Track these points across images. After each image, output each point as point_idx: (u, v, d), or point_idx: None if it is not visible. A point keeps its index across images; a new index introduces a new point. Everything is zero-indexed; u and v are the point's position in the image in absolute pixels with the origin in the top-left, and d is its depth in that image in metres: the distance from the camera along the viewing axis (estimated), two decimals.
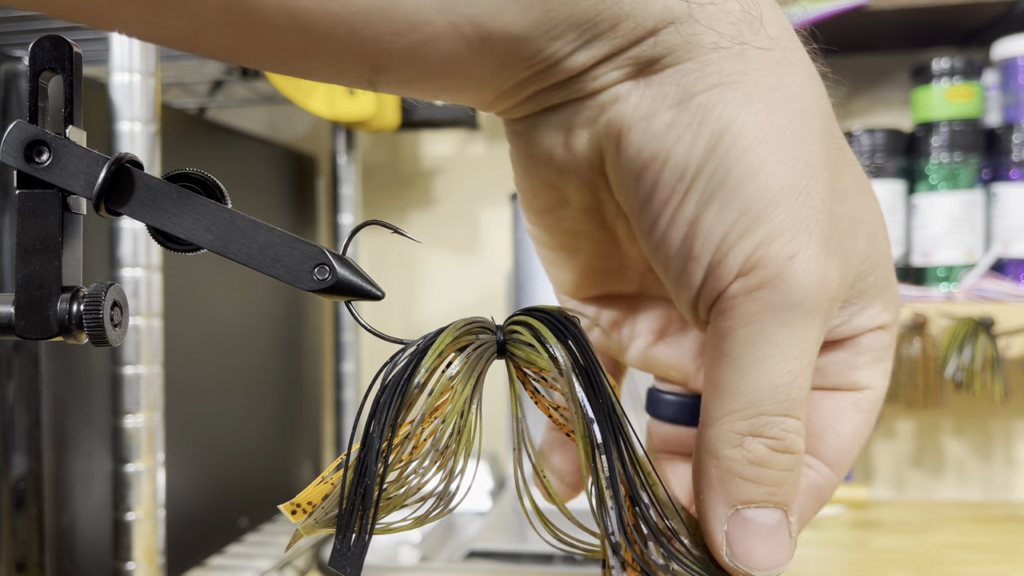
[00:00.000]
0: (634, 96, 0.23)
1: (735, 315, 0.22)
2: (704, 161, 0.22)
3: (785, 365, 0.22)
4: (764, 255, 0.22)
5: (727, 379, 0.22)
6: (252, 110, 1.12)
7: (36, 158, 0.24)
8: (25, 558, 0.56)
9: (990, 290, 0.89)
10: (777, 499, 0.23)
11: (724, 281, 0.22)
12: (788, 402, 0.22)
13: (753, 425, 0.22)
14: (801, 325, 0.22)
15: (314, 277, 0.24)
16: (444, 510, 0.23)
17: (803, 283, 0.22)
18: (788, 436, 0.23)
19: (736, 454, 0.23)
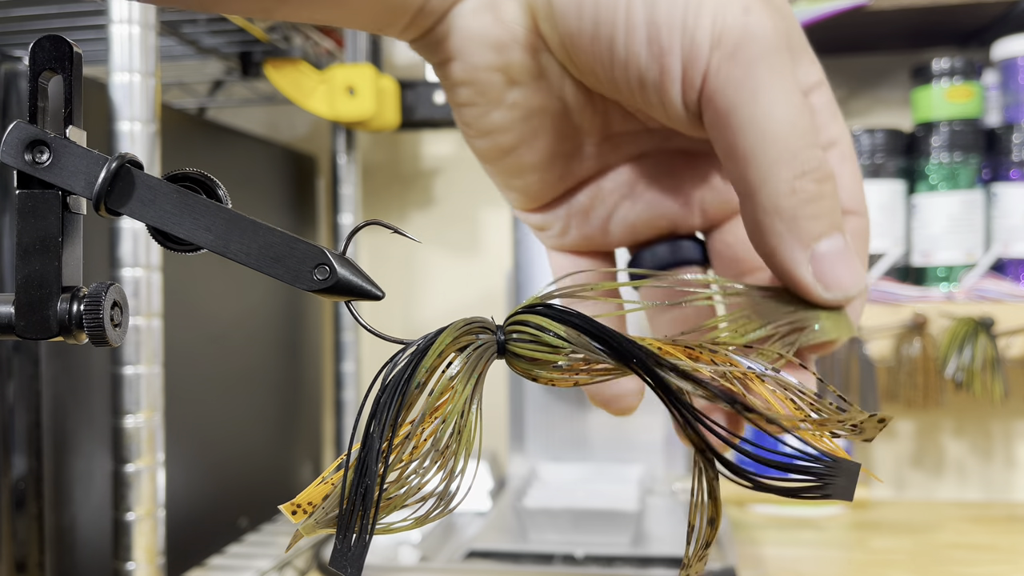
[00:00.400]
0: None
1: (729, 83, 0.24)
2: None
3: (790, 99, 0.24)
4: (725, 21, 0.23)
5: (752, 141, 0.24)
6: (252, 110, 1.12)
7: (36, 158, 0.24)
8: (25, 558, 0.56)
9: (990, 290, 0.89)
10: (836, 224, 0.25)
11: (703, 60, 0.24)
12: (807, 132, 0.24)
13: (794, 166, 0.24)
14: (781, 62, 0.24)
15: (314, 277, 0.24)
16: (444, 510, 0.23)
17: (766, 29, 0.24)
18: (823, 166, 0.24)
19: (794, 200, 0.24)
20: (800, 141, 0.24)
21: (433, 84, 0.94)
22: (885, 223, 0.92)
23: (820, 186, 0.24)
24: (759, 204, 0.24)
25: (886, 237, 0.92)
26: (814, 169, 0.24)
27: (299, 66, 0.87)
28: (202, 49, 0.86)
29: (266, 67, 0.87)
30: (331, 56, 0.95)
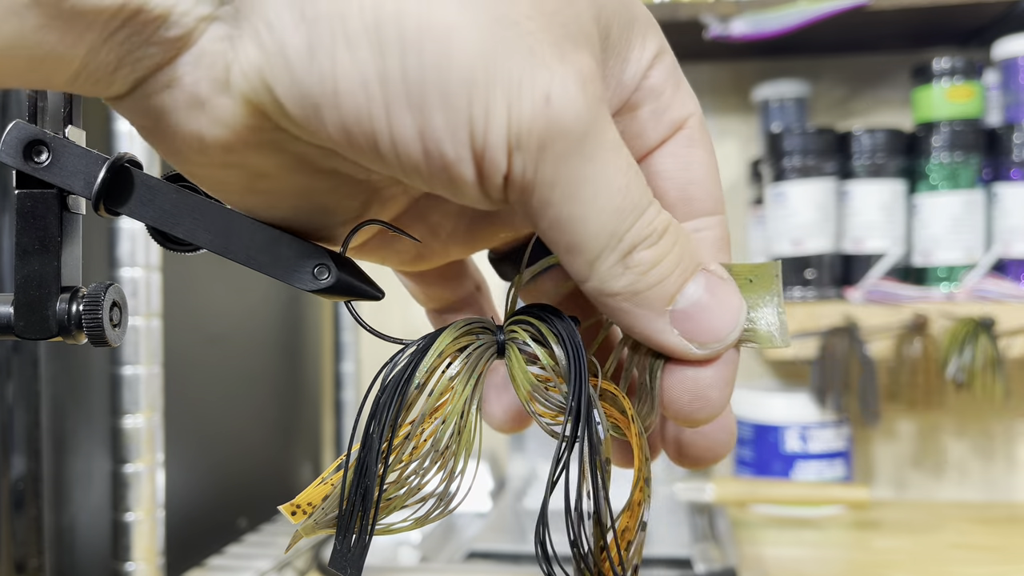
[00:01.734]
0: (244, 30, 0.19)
1: (537, 185, 0.20)
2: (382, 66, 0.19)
3: (611, 185, 0.21)
4: (522, 118, 0.19)
5: (572, 238, 0.21)
6: None
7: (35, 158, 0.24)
8: (24, 558, 0.56)
9: (991, 290, 0.89)
10: (687, 268, 0.22)
11: (501, 166, 0.20)
12: (635, 207, 0.21)
13: (622, 248, 0.21)
14: (598, 144, 0.20)
15: (314, 277, 0.23)
16: (444, 511, 0.23)
17: (577, 111, 0.20)
18: (654, 223, 0.22)
19: (627, 279, 0.22)
20: (627, 223, 0.21)
21: None
22: (886, 223, 0.92)
23: (656, 249, 0.22)
24: (595, 291, 0.22)
25: (887, 237, 0.92)
26: (646, 237, 0.21)
27: None
28: None
29: None
30: None
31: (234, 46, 0.20)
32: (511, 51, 0.19)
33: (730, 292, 0.23)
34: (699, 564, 0.71)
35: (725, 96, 1.07)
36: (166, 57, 0.20)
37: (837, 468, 0.94)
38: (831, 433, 0.94)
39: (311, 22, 0.19)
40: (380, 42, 0.19)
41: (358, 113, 0.19)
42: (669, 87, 0.24)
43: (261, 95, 0.20)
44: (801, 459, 0.93)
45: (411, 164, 0.20)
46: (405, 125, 0.19)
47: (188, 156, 0.22)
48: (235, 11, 0.19)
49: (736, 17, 0.89)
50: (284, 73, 0.19)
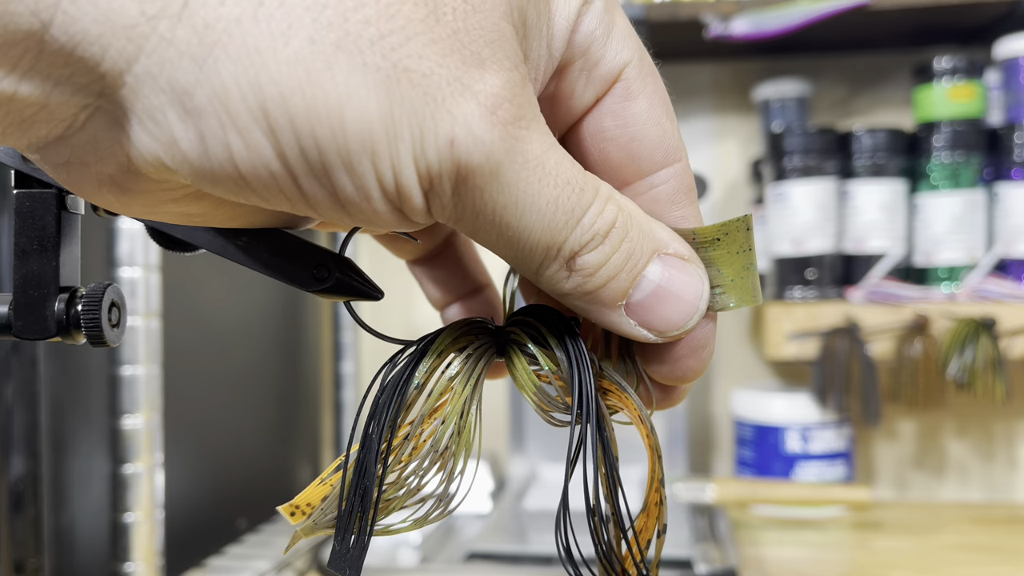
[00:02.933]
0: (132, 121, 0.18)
1: (460, 218, 0.20)
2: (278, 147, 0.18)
3: (538, 203, 0.20)
4: (430, 170, 0.19)
5: (510, 255, 0.21)
6: None
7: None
8: (23, 559, 0.56)
9: (992, 290, 0.89)
10: (641, 261, 0.22)
11: (421, 206, 0.19)
12: (570, 215, 0.20)
13: (563, 257, 0.21)
14: (516, 168, 0.19)
15: (314, 277, 0.23)
16: (444, 511, 0.23)
17: (483, 149, 0.19)
18: (596, 225, 0.21)
19: (574, 281, 0.21)
20: (563, 233, 0.20)
21: None
22: (887, 223, 0.92)
23: (601, 251, 0.21)
24: (547, 290, 0.22)
25: (888, 237, 0.92)
26: (586, 243, 0.21)
27: None
28: None
29: None
30: None
31: (127, 133, 0.19)
32: (407, 105, 0.18)
33: (689, 274, 0.22)
34: (700, 565, 0.71)
35: (726, 96, 1.07)
36: (56, 134, 0.19)
37: (838, 468, 0.94)
38: (832, 433, 0.94)
39: (196, 115, 0.18)
40: (271, 127, 0.18)
41: (267, 187, 0.19)
42: (598, 39, 0.22)
43: (166, 175, 0.19)
44: (802, 459, 0.93)
45: (335, 217, 0.20)
46: (316, 191, 0.19)
47: (113, 207, 0.21)
48: (113, 105, 0.18)
49: (737, 17, 0.89)
50: (183, 163, 0.19)
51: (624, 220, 0.21)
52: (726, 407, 1.08)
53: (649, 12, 0.91)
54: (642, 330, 0.22)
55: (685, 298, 0.22)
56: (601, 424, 0.22)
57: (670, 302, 0.22)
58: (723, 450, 1.08)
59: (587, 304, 0.22)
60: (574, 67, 0.22)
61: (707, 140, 1.09)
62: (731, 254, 0.23)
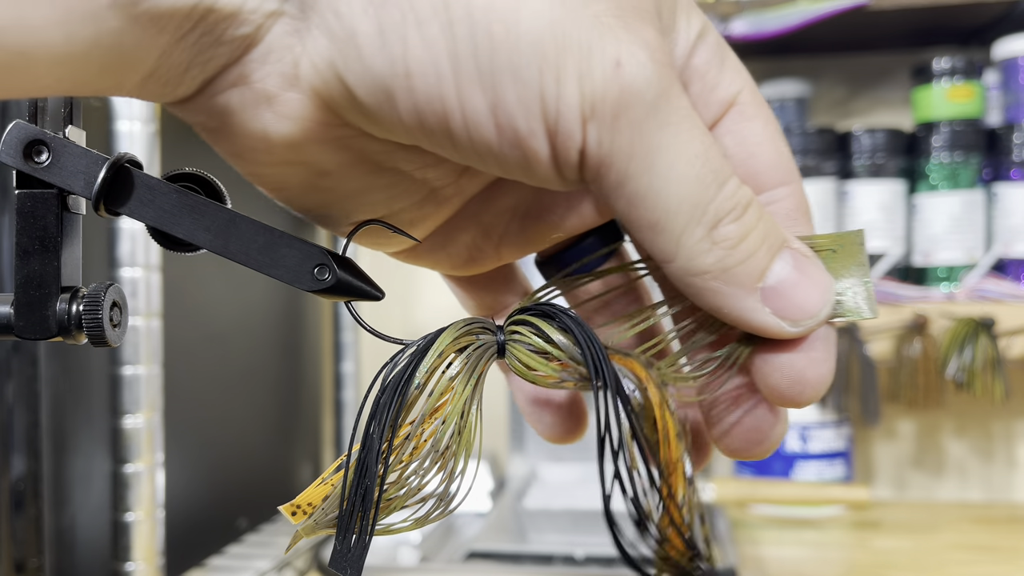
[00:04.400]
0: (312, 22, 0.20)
1: (614, 155, 0.20)
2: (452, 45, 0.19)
3: (689, 152, 0.20)
4: (595, 86, 0.19)
5: (653, 212, 0.21)
6: None
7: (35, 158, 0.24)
8: (24, 558, 0.56)
9: (991, 290, 0.89)
10: (776, 244, 0.22)
11: (576, 137, 0.20)
12: (715, 175, 0.21)
13: (707, 222, 0.21)
14: (672, 109, 0.20)
15: (314, 277, 0.23)
16: (444, 511, 0.23)
17: (647, 77, 0.19)
18: (737, 196, 0.21)
19: (716, 254, 0.21)
20: (709, 193, 0.21)
21: None
22: (886, 223, 0.92)
23: (742, 222, 0.21)
24: (683, 270, 0.21)
25: (887, 237, 0.92)
26: (730, 210, 0.21)
27: None
28: None
29: None
30: None
31: (302, 39, 0.20)
32: (578, 22, 0.19)
33: (816, 268, 0.22)
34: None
35: None
36: (234, 55, 0.20)
37: (837, 468, 0.94)
38: (831, 433, 0.94)
39: (379, 6, 0.19)
40: (449, 21, 0.19)
41: (429, 94, 0.19)
42: (714, 66, 0.23)
43: (331, 87, 0.20)
44: (801, 459, 0.93)
45: (484, 144, 0.20)
46: (477, 103, 0.19)
47: (253, 155, 0.22)
48: (301, 4, 0.20)
49: (736, 17, 0.89)
50: (355, 60, 0.19)
51: (758, 203, 0.22)
52: None
53: None
54: (776, 319, 0.22)
55: (817, 286, 0.22)
56: (619, 384, 0.22)
57: (804, 288, 0.22)
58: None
59: (723, 284, 0.21)
60: (692, 90, 0.23)
61: None
62: (845, 267, 0.23)
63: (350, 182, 0.23)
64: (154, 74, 0.20)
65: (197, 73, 0.21)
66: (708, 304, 0.22)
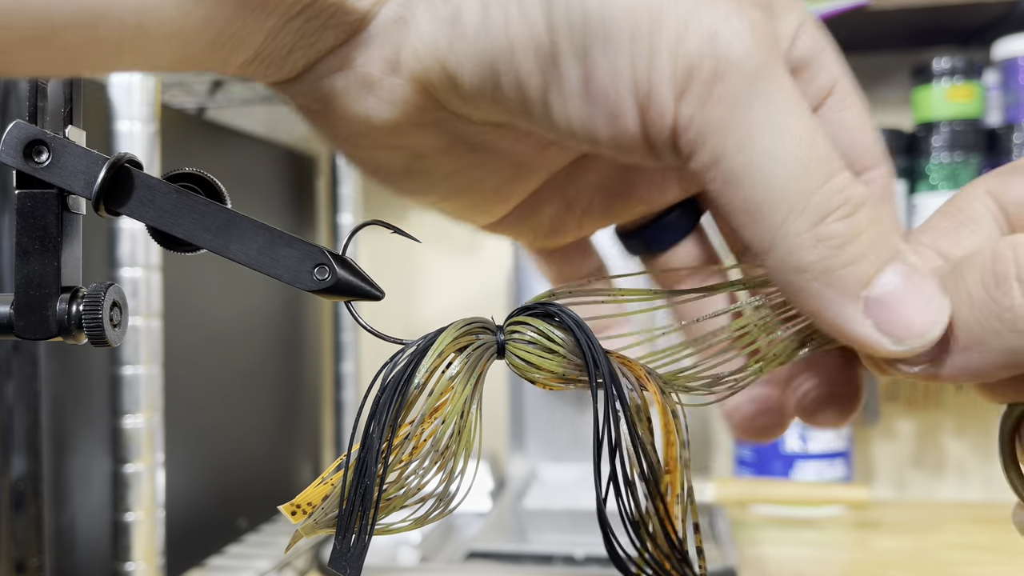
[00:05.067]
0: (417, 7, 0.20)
1: (709, 132, 0.19)
2: (549, 16, 0.19)
3: (793, 132, 0.19)
4: (689, 58, 0.18)
5: (752, 196, 0.19)
6: (252, 110, 1.12)
7: (35, 158, 0.24)
8: (24, 558, 0.56)
9: None
10: (885, 255, 0.20)
11: (668, 112, 0.19)
12: (822, 163, 0.19)
13: (812, 213, 0.19)
14: (772, 85, 0.19)
15: (314, 277, 0.23)
16: (444, 511, 0.23)
17: (746, 48, 0.19)
18: (847, 192, 0.19)
19: (819, 252, 0.19)
20: (814, 181, 0.19)
21: None
22: None
23: (852, 221, 0.19)
24: (780, 263, 0.20)
25: None
26: (839, 205, 0.19)
27: None
28: None
29: None
30: None
31: (406, 25, 0.20)
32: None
33: (930, 284, 0.20)
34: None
35: None
36: (339, 40, 0.21)
37: (837, 468, 0.94)
38: (831, 433, 0.94)
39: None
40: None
41: (530, 69, 0.20)
42: (815, 55, 0.23)
43: (432, 73, 0.20)
44: (801, 459, 0.93)
45: (577, 120, 0.20)
46: (572, 77, 0.19)
47: (354, 139, 0.23)
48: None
49: None
50: (460, 39, 0.20)
51: (869, 209, 0.20)
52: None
53: None
54: (878, 333, 0.20)
55: (930, 303, 0.20)
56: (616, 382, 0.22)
57: (914, 304, 0.20)
58: (722, 449, 1.08)
59: (824, 287, 0.20)
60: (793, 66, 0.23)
61: None
62: None
63: (445, 164, 0.24)
64: (259, 55, 0.21)
65: (300, 56, 0.21)
66: (804, 306, 0.20)
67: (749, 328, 0.23)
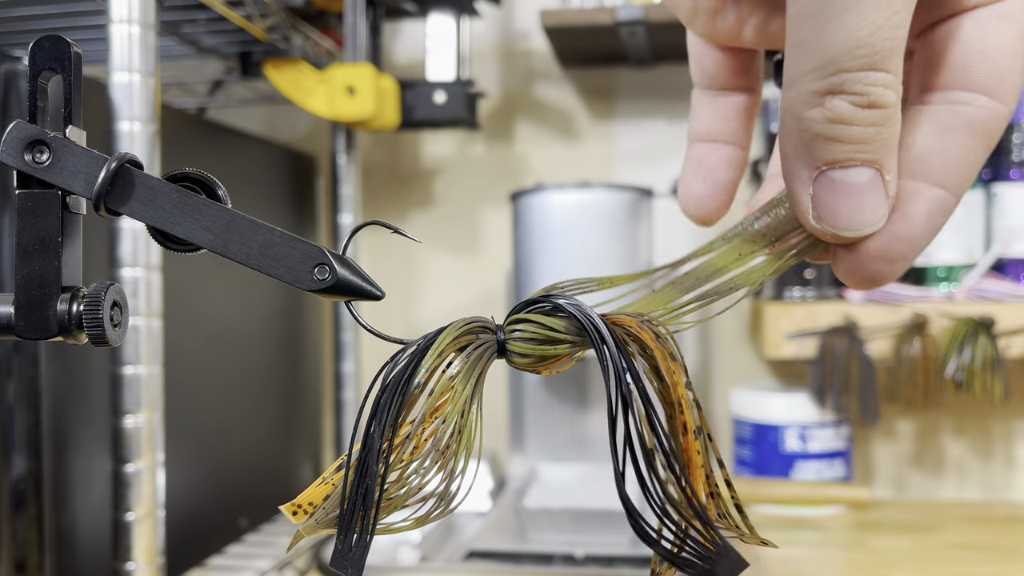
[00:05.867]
0: None
1: None
2: None
3: (867, 15, 0.20)
4: None
5: (803, 36, 0.21)
6: (252, 110, 1.12)
7: (36, 158, 0.24)
8: (25, 558, 0.56)
9: (990, 290, 0.89)
10: (865, 156, 0.22)
11: None
12: (871, 56, 0.21)
13: (832, 83, 0.21)
14: None
15: (314, 277, 0.24)
16: (445, 510, 0.23)
17: None
18: (873, 90, 0.21)
19: (816, 113, 0.21)
20: (854, 63, 0.21)
21: (433, 84, 0.94)
22: None
23: (856, 111, 0.21)
24: (785, 99, 0.22)
25: None
26: (856, 94, 0.21)
27: (299, 66, 0.87)
28: (202, 49, 0.86)
29: (266, 67, 0.87)
30: (331, 56, 0.95)
31: None
32: None
33: (879, 206, 0.22)
34: None
35: None
36: None
37: (837, 468, 0.94)
38: (831, 433, 0.94)
39: None
40: None
41: None
42: None
43: None
44: (801, 459, 0.93)
45: None
46: None
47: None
48: None
49: None
50: None
51: (893, 115, 0.22)
52: (725, 406, 1.08)
53: (649, 12, 0.91)
54: (810, 206, 0.22)
55: (871, 213, 0.22)
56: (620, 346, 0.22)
57: (858, 204, 0.22)
58: (722, 449, 1.08)
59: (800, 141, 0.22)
60: None
61: None
62: None
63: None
64: None
65: None
66: (781, 143, 0.23)
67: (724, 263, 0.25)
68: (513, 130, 1.13)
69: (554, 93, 1.12)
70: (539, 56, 1.12)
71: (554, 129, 1.12)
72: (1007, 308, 0.87)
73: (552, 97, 1.12)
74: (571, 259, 0.91)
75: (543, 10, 0.95)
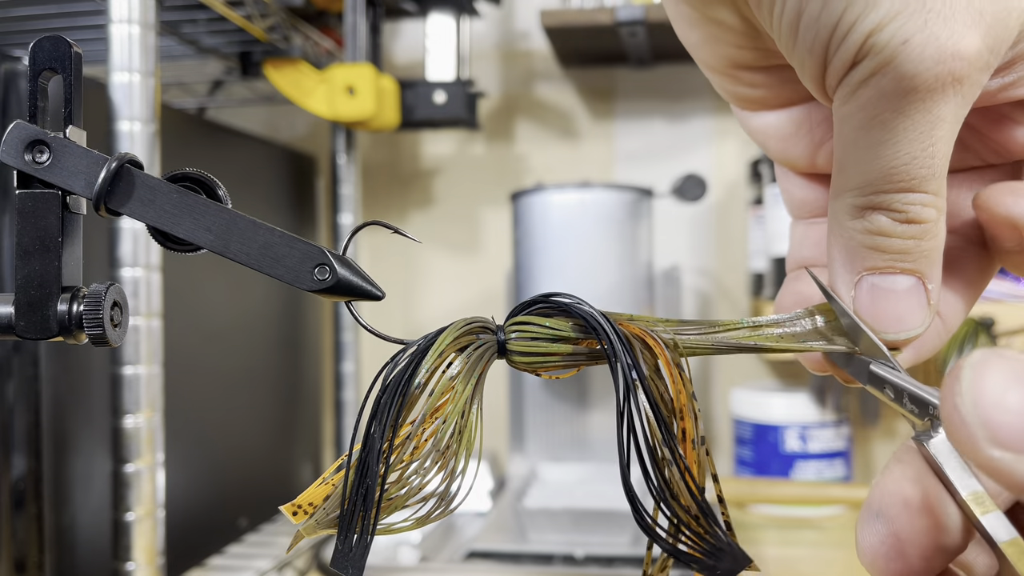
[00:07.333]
0: None
1: (852, 100, 0.22)
2: None
3: (901, 148, 0.22)
4: (875, 42, 0.21)
5: (845, 159, 0.23)
6: (252, 110, 1.12)
7: (36, 158, 0.24)
8: (25, 558, 0.56)
9: (990, 290, 0.89)
10: (904, 266, 0.24)
11: (841, 70, 0.22)
12: (907, 181, 0.22)
13: (871, 201, 0.23)
14: (919, 109, 0.22)
15: (314, 277, 0.24)
16: (445, 510, 0.23)
17: (918, 68, 0.21)
18: (912, 208, 0.23)
19: (858, 224, 0.23)
20: (890, 186, 0.23)
21: (433, 84, 0.94)
22: None
23: (895, 226, 0.23)
24: (831, 208, 0.24)
25: None
26: (895, 211, 0.23)
27: (299, 66, 0.87)
28: (202, 49, 0.86)
29: (266, 67, 0.87)
30: (331, 56, 0.95)
31: None
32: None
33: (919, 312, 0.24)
34: None
35: None
36: None
37: (837, 468, 0.94)
38: (831, 433, 0.94)
39: None
40: None
41: None
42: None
43: None
44: (801, 459, 0.93)
45: (783, 33, 0.23)
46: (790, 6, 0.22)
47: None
48: None
49: None
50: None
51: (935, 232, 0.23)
52: (725, 406, 1.08)
53: (649, 12, 0.91)
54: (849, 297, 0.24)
55: (910, 318, 0.24)
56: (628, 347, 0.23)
57: (897, 309, 0.24)
58: (722, 449, 1.08)
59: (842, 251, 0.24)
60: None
61: (707, 140, 1.09)
62: None
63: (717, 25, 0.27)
64: None
65: None
66: (827, 248, 0.25)
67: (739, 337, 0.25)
68: (513, 130, 1.13)
69: (554, 93, 1.12)
70: (539, 56, 1.12)
71: (554, 129, 1.12)
72: (1007, 308, 0.87)
73: (552, 97, 1.12)
74: (571, 259, 0.91)
75: (543, 10, 0.95)
